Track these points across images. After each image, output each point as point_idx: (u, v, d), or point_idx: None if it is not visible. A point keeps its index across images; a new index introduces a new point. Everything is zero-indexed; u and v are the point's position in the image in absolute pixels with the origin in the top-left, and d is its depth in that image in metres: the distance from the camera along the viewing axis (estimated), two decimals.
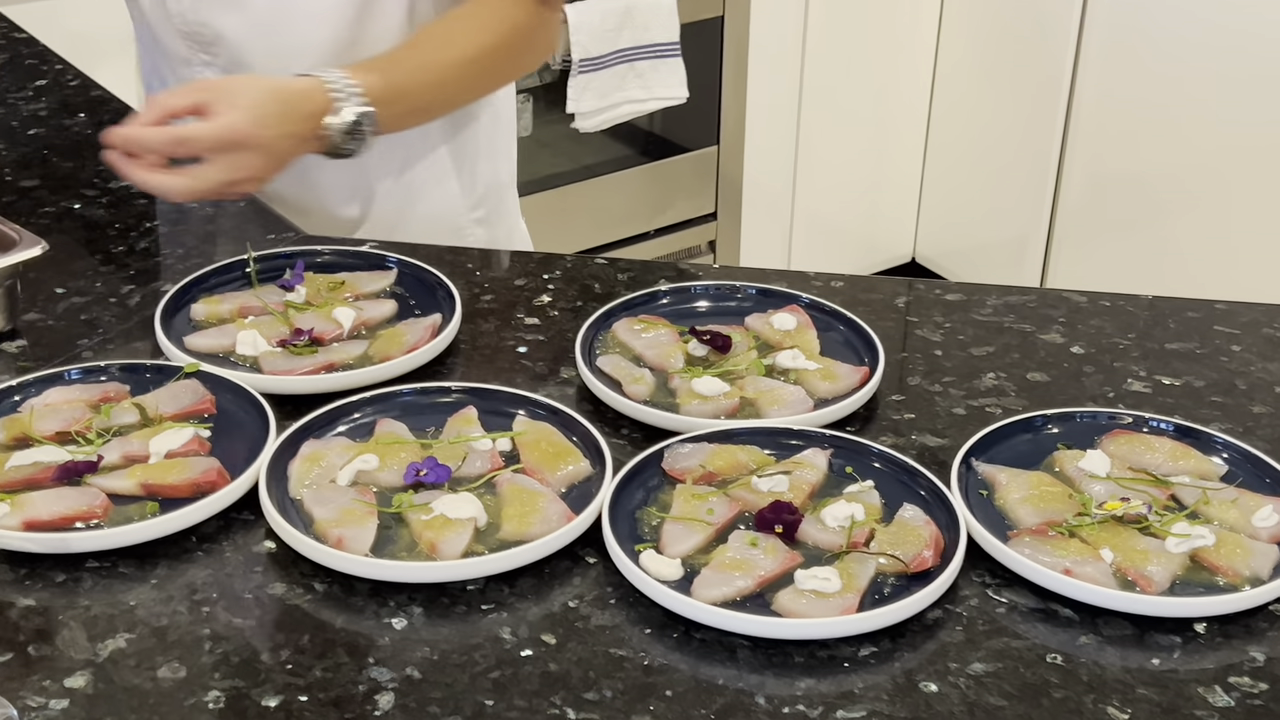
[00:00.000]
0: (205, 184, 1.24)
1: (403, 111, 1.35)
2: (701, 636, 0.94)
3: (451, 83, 1.39)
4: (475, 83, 1.43)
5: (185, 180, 1.24)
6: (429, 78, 1.37)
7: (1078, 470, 1.07)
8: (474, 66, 1.39)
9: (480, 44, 1.38)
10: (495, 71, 1.43)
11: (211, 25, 1.40)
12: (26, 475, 1.04)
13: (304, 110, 1.26)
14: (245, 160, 1.24)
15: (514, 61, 1.44)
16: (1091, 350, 1.25)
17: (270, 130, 1.24)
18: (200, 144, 1.22)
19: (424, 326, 1.22)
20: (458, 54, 1.37)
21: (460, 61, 1.38)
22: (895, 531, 1.00)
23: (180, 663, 0.91)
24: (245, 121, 1.22)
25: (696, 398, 1.14)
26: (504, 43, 1.40)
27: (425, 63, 1.36)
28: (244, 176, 1.25)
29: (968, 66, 3.16)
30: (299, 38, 1.40)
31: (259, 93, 1.25)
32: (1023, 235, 3.11)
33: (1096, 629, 0.95)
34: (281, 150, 1.26)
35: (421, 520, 1.00)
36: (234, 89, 1.25)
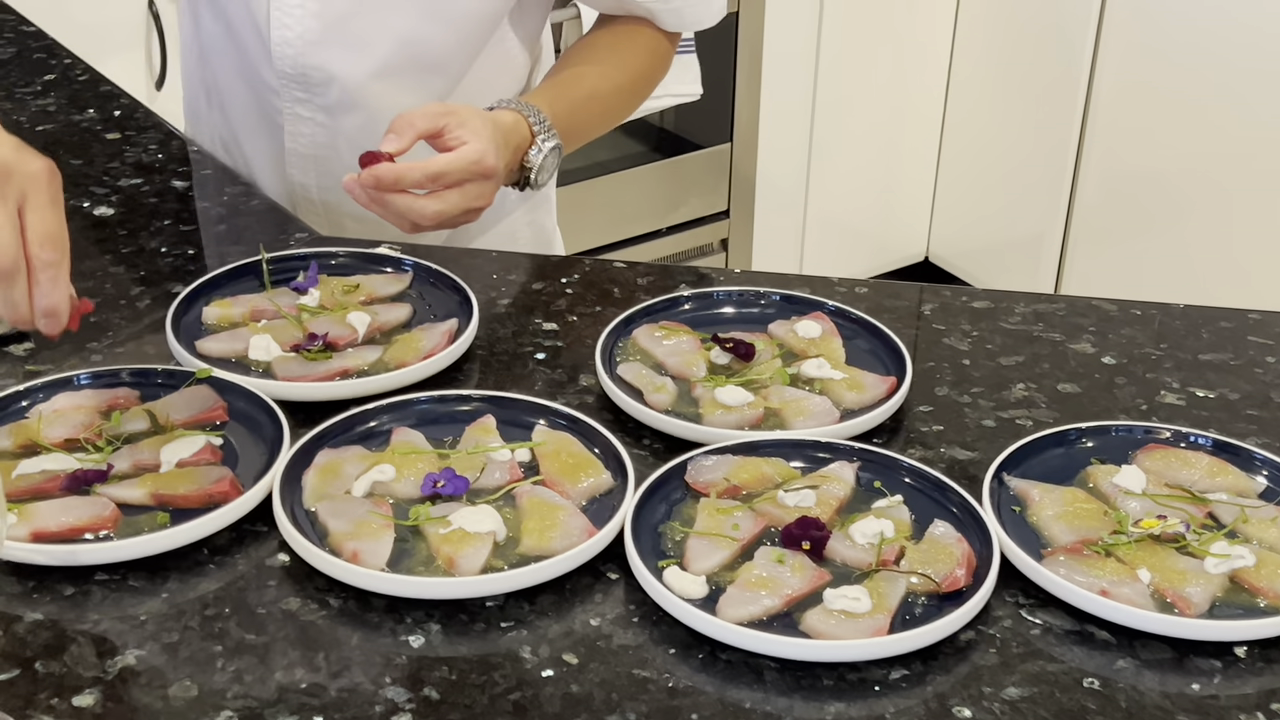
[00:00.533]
0: (452, 209, 1.23)
1: (574, 141, 1.38)
2: (727, 657, 0.91)
3: (612, 111, 1.44)
4: (626, 111, 1.48)
5: (435, 204, 1.22)
6: (595, 108, 1.41)
7: (1112, 486, 1.04)
8: (628, 95, 1.45)
9: (633, 71, 1.44)
10: (640, 98, 1.48)
11: (325, 69, 1.37)
12: (34, 484, 1.01)
13: (514, 143, 1.29)
14: (485, 189, 1.24)
15: (651, 88, 1.48)
16: (1123, 360, 1.22)
17: (502, 161, 1.25)
18: (454, 176, 1.22)
19: (440, 332, 1.19)
20: (615, 83, 1.42)
21: (618, 90, 1.43)
22: (926, 549, 0.98)
23: (192, 680, 0.88)
24: (491, 153, 1.23)
25: (720, 408, 1.11)
26: (650, 69, 1.45)
27: (592, 92, 1.40)
28: (480, 205, 1.25)
29: (984, 63, 3.13)
30: (418, 80, 1.38)
31: (486, 123, 1.25)
32: (1039, 234, 3.09)
33: (1134, 652, 0.93)
34: (501, 180, 1.27)
35: (439, 534, 0.98)
36: (467, 118, 1.24)
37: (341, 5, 1.34)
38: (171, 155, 1.52)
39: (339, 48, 1.36)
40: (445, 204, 1.23)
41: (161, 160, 1.51)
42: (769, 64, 2.93)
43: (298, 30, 1.35)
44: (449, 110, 1.24)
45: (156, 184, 1.46)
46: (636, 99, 1.47)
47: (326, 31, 1.35)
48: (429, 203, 1.22)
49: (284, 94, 1.40)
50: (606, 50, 1.43)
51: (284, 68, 1.38)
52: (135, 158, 1.51)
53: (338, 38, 1.35)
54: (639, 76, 1.45)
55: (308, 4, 1.34)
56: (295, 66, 1.37)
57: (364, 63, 1.37)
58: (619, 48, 1.44)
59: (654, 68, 1.46)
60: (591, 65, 1.42)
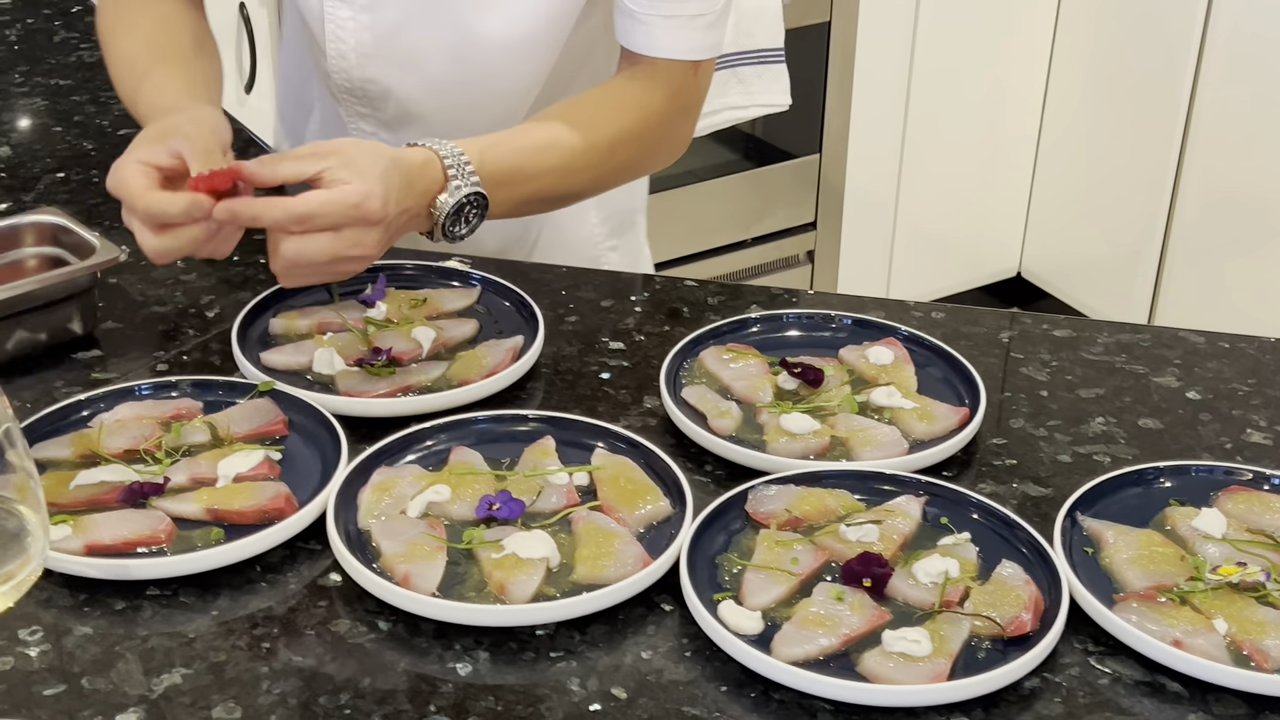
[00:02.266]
0: (318, 254, 1.08)
1: (520, 198, 1.22)
2: (780, 697, 0.89)
3: (577, 170, 1.25)
4: (602, 172, 1.28)
5: (295, 245, 1.07)
6: (550, 161, 1.23)
7: (1191, 530, 1.00)
8: (602, 154, 1.26)
9: (614, 130, 1.26)
10: (626, 162, 1.30)
11: (380, 82, 1.35)
12: (91, 495, 1.01)
13: (420, 186, 1.13)
14: (365, 237, 1.09)
15: (647, 153, 1.32)
16: (1209, 396, 1.17)
17: (394, 207, 1.10)
18: (326, 220, 1.07)
19: (505, 349, 1.18)
20: (586, 139, 1.24)
21: (588, 148, 1.24)
22: (992, 591, 0.94)
23: (236, 703, 0.88)
24: (377, 195, 1.07)
25: (785, 435, 1.08)
26: (638, 131, 1.27)
27: (548, 144, 1.23)
28: (358, 254, 1.09)
29: (1082, 74, 3.06)
30: (475, 97, 1.35)
31: (384, 162, 1.10)
32: (1135, 252, 3.01)
33: (1207, 707, 0.89)
34: (397, 228, 1.12)
35: (492, 558, 0.96)
36: (355, 157, 1.09)
37: (391, 18, 1.31)
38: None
39: (392, 62, 1.33)
40: (309, 246, 1.07)
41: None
42: (860, 74, 2.89)
43: (351, 43, 1.33)
44: (331, 149, 1.09)
45: None
46: (616, 163, 1.28)
47: (379, 45, 1.32)
48: (288, 243, 1.07)
49: (346, 108, 1.39)
50: (589, 103, 1.27)
51: (340, 81, 1.36)
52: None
53: (390, 52, 1.33)
54: (622, 136, 1.26)
55: (359, 16, 1.31)
56: (350, 80, 1.35)
57: (416, 78, 1.34)
58: (605, 101, 1.27)
59: (644, 129, 1.27)
60: (562, 117, 1.25)
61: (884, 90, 2.95)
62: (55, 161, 1.51)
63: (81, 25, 1.86)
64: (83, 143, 1.55)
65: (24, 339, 1.17)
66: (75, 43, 1.80)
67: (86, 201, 1.43)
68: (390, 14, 1.31)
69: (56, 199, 1.43)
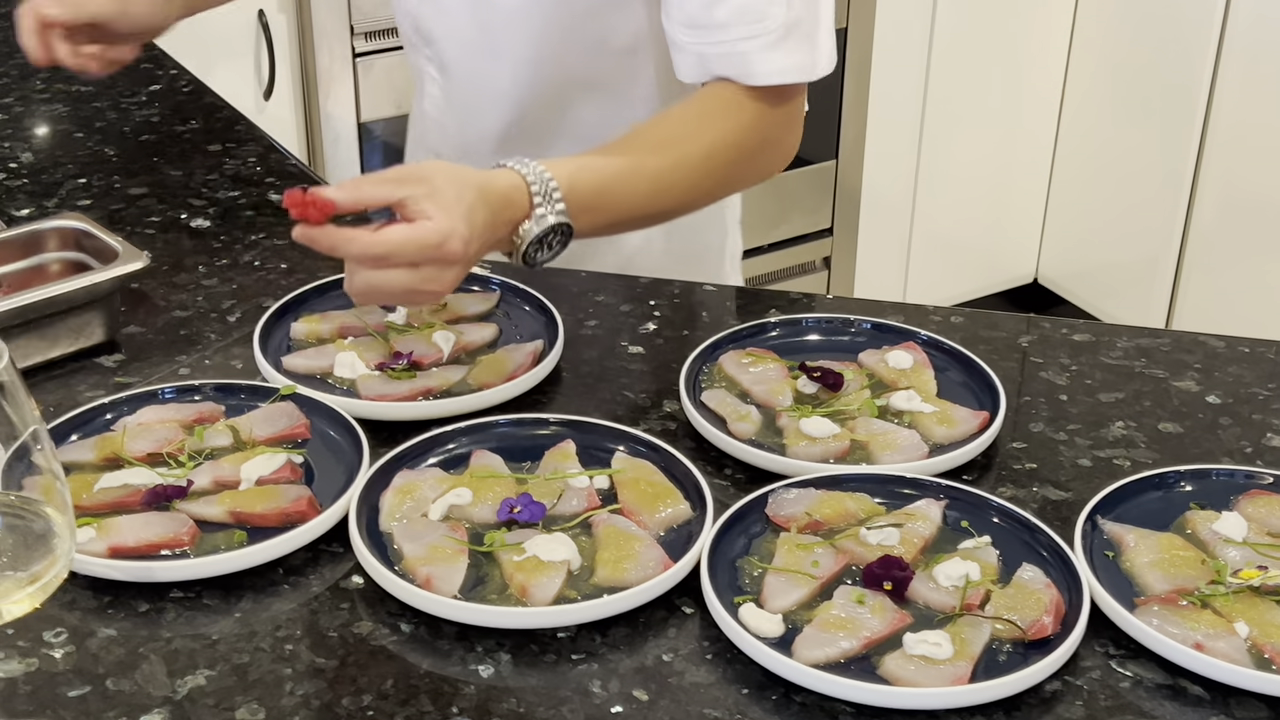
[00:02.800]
0: (393, 287, 1.06)
1: (606, 221, 1.17)
2: (802, 700, 0.89)
3: (668, 190, 1.20)
4: (697, 189, 1.23)
5: (368, 276, 1.06)
6: (640, 186, 1.18)
7: (1212, 533, 1.00)
8: (694, 173, 1.20)
9: (706, 144, 1.20)
10: (722, 177, 1.23)
11: (424, 23, 1.40)
12: (115, 498, 1.02)
13: (504, 217, 1.10)
14: (444, 274, 1.06)
15: (747, 164, 1.24)
16: (1229, 400, 1.17)
17: (475, 245, 1.07)
18: (404, 258, 1.04)
19: (525, 353, 1.18)
20: (675, 158, 1.19)
21: (678, 166, 1.19)
22: (1013, 594, 0.94)
23: (259, 704, 0.88)
24: (458, 236, 1.04)
25: (805, 439, 1.09)
26: (731, 144, 1.20)
27: (638, 167, 1.18)
28: (434, 290, 1.07)
29: (1100, 79, 3.06)
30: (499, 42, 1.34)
31: (470, 196, 1.06)
32: (1152, 258, 3.01)
33: (1229, 710, 0.89)
34: (476, 261, 1.10)
35: (513, 561, 0.97)
36: (441, 188, 1.05)
37: None
38: (270, 168, 1.53)
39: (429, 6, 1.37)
40: (385, 280, 1.05)
41: (260, 173, 1.52)
42: (877, 79, 2.89)
43: None
44: (417, 177, 1.06)
45: (254, 197, 1.47)
46: (719, 176, 1.22)
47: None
48: (363, 275, 1.06)
49: (413, 56, 1.44)
50: (676, 120, 1.21)
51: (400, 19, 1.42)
52: (234, 170, 1.52)
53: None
54: (715, 149, 1.19)
55: None
56: (409, 15, 1.40)
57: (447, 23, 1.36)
58: (693, 118, 1.20)
59: (739, 138, 1.20)
60: (650, 137, 1.20)
61: (900, 96, 2.95)
62: (77, 167, 1.52)
63: None
64: (104, 149, 1.56)
65: (47, 343, 1.18)
66: None
67: (109, 207, 1.44)
68: None
69: (79, 204, 1.44)
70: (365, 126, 2.47)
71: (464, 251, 1.05)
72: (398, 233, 1.04)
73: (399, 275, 1.05)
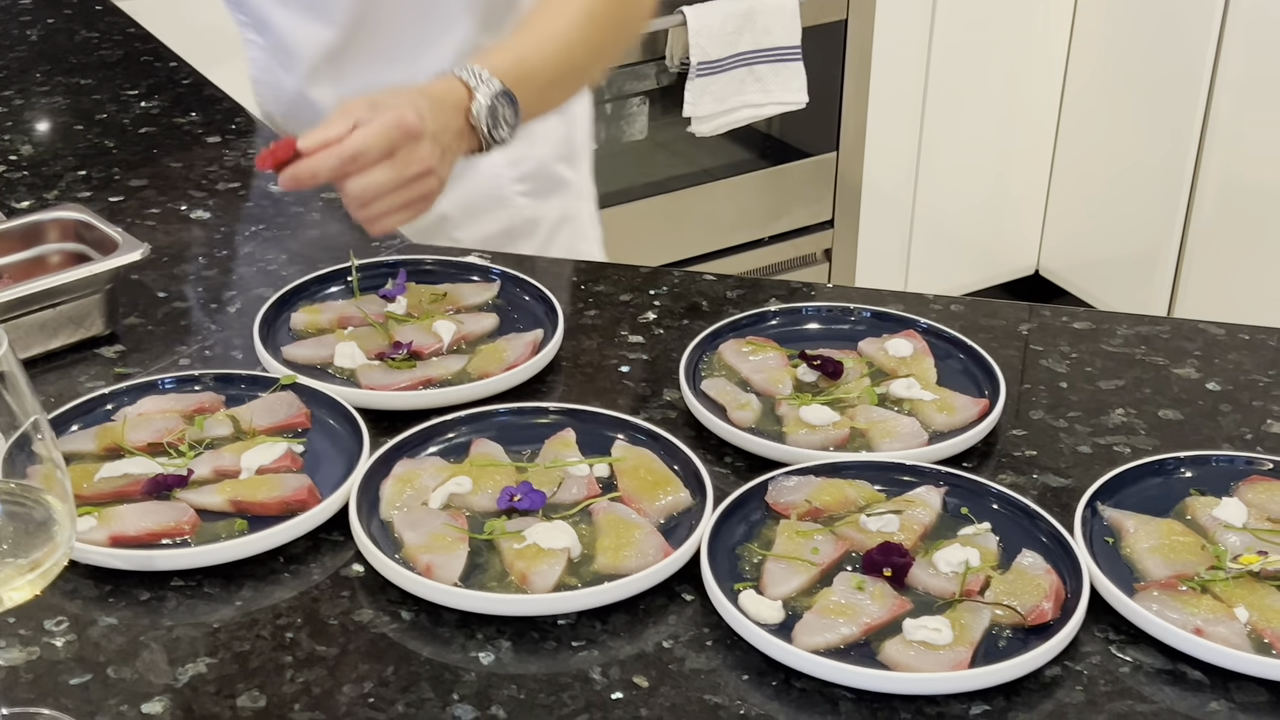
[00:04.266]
0: (384, 184, 1.14)
1: (538, 88, 1.28)
2: (802, 686, 0.89)
3: (576, 45, 1.32)
4: (596, 42, 1.34)
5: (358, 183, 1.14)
6: (551, 48, 1.30)
7: (1211, 519, 1.00)
8: (589, 26, 1.32)
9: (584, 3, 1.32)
10: (611, 26, 1.35)
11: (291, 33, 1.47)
12: (116, 488, 1.02)
13: (449, 101, 1.20)
14: (419, 150, 1.15)
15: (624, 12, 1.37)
16: (1229, 387, 1.17)
17: (431, 121, 1.16)
18: (375, 148, 1.14)
19: (525, 342, 1.18)
20: (568, 18, 1.31)
21: (573, 25, 1.31)
22: (1013, 580, 0.94)
23: (260, 691, 0.88)
24: (410, 112, 1.15)
25: (804, 427, 1.09)
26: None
27: (541, 35, 1.31)
28: (419, 170, 1.16)
29: (1100, 70, 3.06)
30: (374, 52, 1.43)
31: (405, 91, 1.19)
32: (1153, 249, 3.01)
33: (1229, 694, 0.89)
34: (447, 144, 1.19)
35: (514, 549, 0.97)
36: (377, 99, 1.17)
37: None
38: None
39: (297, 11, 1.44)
40: (372, 178, 1.14)
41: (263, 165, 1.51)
42: (877, 71, 2.89)
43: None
44: (354, 103, 1.16)
45: (253, 188, 1.47)
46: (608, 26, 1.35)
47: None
48: (352, 182, 1.14)
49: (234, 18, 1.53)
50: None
51: None
52: (234, 161, 1.52)
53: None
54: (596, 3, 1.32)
55: None
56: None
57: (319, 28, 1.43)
58: None
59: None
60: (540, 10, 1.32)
61: (901, 88, 2.95)
62: (77, 159, 1.52)
63: (102, 24, 1.87)
64: (104, 141, 1.56)
65: (47, 334, 1.18)
66: (96, 42, 1.82)
67: (109, 198, 1.44)
68: None
69: (79, 196, 1.44)
70: None
71: (421, 122, 1.14)
72: (359, 131, 1.13)
73: (381, 172, 1.13)
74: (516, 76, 1.24)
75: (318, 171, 1.14)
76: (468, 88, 1.21)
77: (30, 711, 0.86)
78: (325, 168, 1.13)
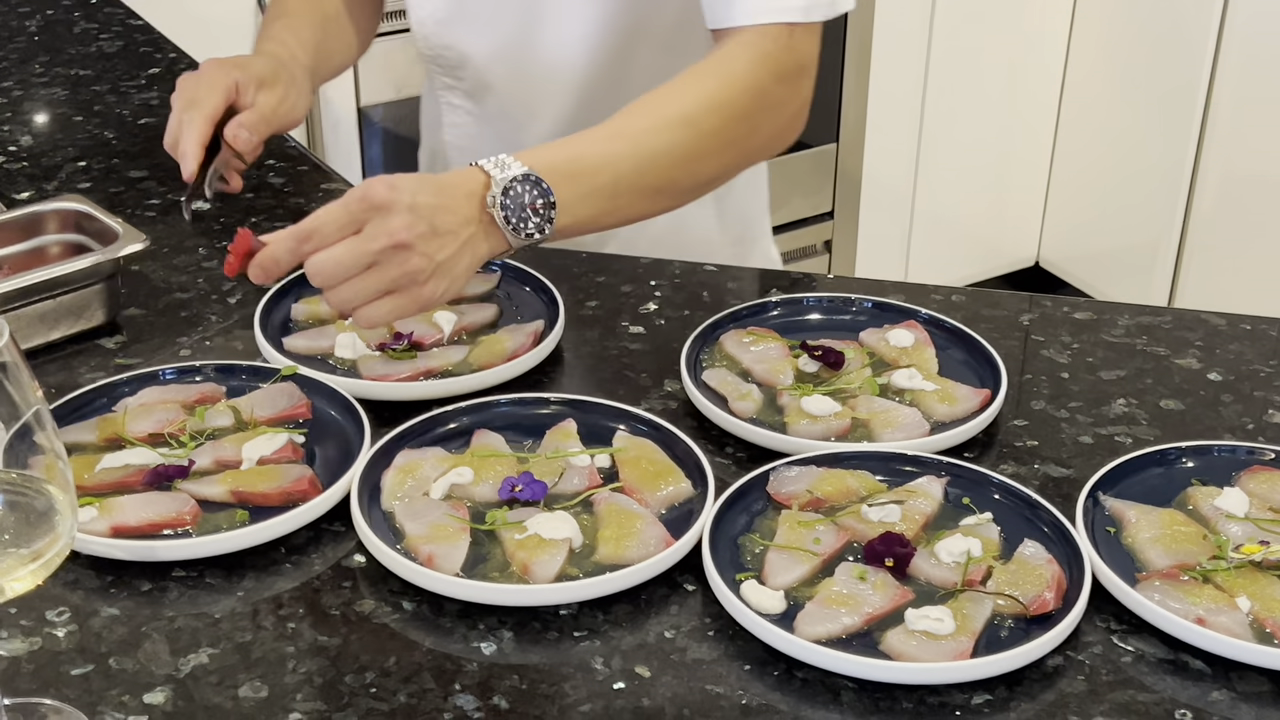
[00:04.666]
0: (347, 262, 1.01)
1: (591, 189, 1.10)
2: (804, 676, 0.89)
3: (655, 155, 1.12)
4: (692, 150, 1.14)
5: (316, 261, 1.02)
6: (620, 147, 1.11)
7: (1213, 509, 1.00)
8: (684, 129, 1.13)
9: (691, 101, 1.13)
10: (718, 136, 1.14)
11: (456, 48, 1.35)
12: (117, 478, 1.02)
13: (462, 187, 1.05)
14: (388, 223, 1.00)
15: (742, 122, 1.15)
16: (1230, 377, 1.17)
17: (408, 195, 1.01)
18: (333, 225, 1.01)
19: (526, 333, 1.18)
20: (656, 120, 1.13)
21: (664, 125, 1.12)
22: (1014, 570, 0.94)
23: (262, 681, 0.88)
24: (380, 183, 1.01)
25: (806, 417, 1.09)
26: (723, 98, 1.14)
27: (614, 131, 1.12)
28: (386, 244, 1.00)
29: (1100, 62, 3.05)
30: (547, 62, 1.32)
31: (411, 175, 1.05)
32: (1153, 241, 3.01)
33: (1230, 684, 0.89)
34: (448, 228, 1.03)
35: (515, 539, 0.97)
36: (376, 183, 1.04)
37: None
38: (270, 151, 1.52)
39: (465, 25, 1.34)
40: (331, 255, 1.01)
41: (259, 156, 1.51)
42: (877, 63, 2.89)
43: (428, 9, 1.35)
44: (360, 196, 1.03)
45: (253, 179, 1.47)
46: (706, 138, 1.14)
47: (451, 7, 1.33)
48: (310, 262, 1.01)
49: (434, 77, 1.40)
50: (668, 85, 1.15)
51: (424, 49, 1.38)
52: None
53: (463, 14, 1.33)
54: (703, 107, 1.13)
55: None
56: (431, 48, 1.36)
57: (487, 41, 1.33)
58: (678, 81, 1.15)
59: (730, 94, 1.14)
60: (637, 103, 1.15)
61: (901, 79, 2.95)
62: (76, 150, 1.52)
63: (101, 15, 1.87)
64: (104, 132, 1.56)
65: (48, 325, 1.18)
66: (95, 33, 1.81)
67: (108, 189, 1.44)
68: None
69: (79, 187, 1.44)
70: (364, 111, 2.46)
71: (390, 194, 1.01)
72: (319, 209, 1.03)
73: (344, 246, 1.01)
74: (564, 170, 1.08)
75: (278, 257, 1.03)
76: (485, 173, 1.07)
77: (32, 702, 0.86)
78: (283, 250, 1.03)
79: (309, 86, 1.36)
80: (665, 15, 1.31)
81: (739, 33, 1.16)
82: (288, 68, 1.33)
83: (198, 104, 1.25)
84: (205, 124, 1.25)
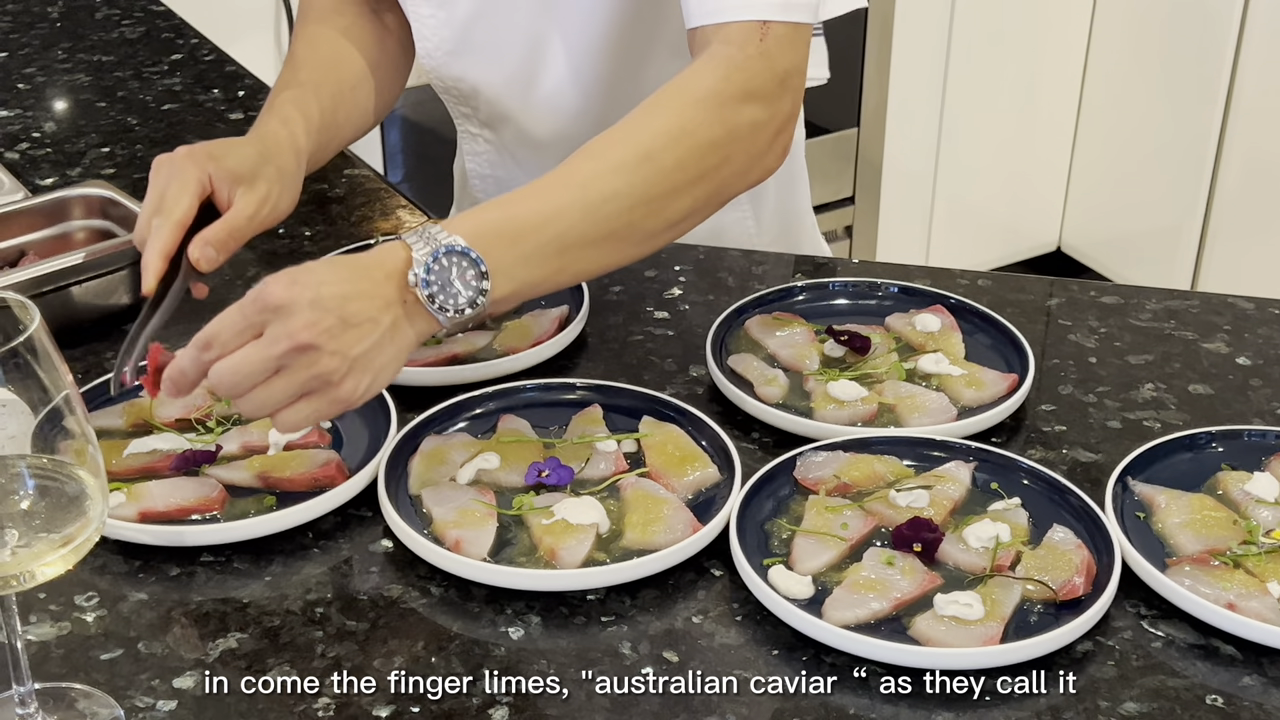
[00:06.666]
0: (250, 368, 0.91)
1: (535, 249, 0.97)
2: (832, 661, 0.89)
3: (608, 199, 0.99)
4: (654, 191, 1.00)
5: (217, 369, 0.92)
6: (567, 196, 0.99)
7: (1243, 494, 1.00)
8: (646, 168, 0.99)
9: (647, 137, 1.00)
10: (681, 171, 1.00)
11: (467, 80, 1.32)
12: (144, 463, 1.02)
13: (379, 268, 0.94)
14: (291, 323, 0.90)
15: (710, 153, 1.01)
16: (1259, 361, 1.16)
17: (310, 290, 0.91)
18: (225, 331, 0.92)
19: (550, 318, 1.18)
20: (615, 157, 1.00)
21: (620, 165, 0.99)
22: (1044, 555, 0.94)
23: (291, 667, 0.88)
24: (278, 281, 0.91)
25: (832, 402, 1.08)
26: (680, 128, 1.00)
27: (563, 178, 1.00)
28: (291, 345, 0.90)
29: (1123, 45, 3.04)
30: (558, 89, 1.28)
31: (322, 262, 0.96)
32: (1176, 226, 2.99)
33: (1261, 669, 0.88)
34: (352, 315, 0.91)
35: (542, 524, 0.97)
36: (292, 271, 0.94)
37: (465, 11, 1.26)
38: None
39: (473, 56, 1.29)
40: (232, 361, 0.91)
41: None
42: (899, 47, 2.88)
43: (435, 41, 1.30)
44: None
45: None
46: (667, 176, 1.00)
47: (458, 39, 1.28)
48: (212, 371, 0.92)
49: (451, 107, 1.37)
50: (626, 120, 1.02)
51: (436, 81, 1.34)
52: None
53: (469, 46, 1.28)
54: (659, 142, 1.00)
55: (437, 13, 1.27)
56: (443, 79, 1.33)
57: (497, 71, 1.29)
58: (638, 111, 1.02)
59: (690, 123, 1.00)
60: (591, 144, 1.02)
61: (922, 64, 2.93)
62: (100, 136, 1.52)
63: (122, 1, 1.87)
64: (127, 118, 1.56)
65: (73, 310, 1.18)
66: (117, 19, 1.82)
67: (132, 175, 1.44)
68: (464, 7, 1.26)
69: (102, 173, 1.44)
70: None
71: (287, 292, 0.91)
72: (220, 314, 0.94)
73: (245, 354, 0.91)
74: (502, 233, 0.97)
75: (184, 368, 0.94)
76: (407, 248, 0.95)
77: (61, 686, 0.86)
78: (187, 361, 0.94)
79: (300, 175, 1.20)
80: (672, 27, 1.25)
81: (707, 42, 1.05)
82: (275, 160, 1.16)
83: (165, 210, 1.10)
84: (172, 233, 1.10)
